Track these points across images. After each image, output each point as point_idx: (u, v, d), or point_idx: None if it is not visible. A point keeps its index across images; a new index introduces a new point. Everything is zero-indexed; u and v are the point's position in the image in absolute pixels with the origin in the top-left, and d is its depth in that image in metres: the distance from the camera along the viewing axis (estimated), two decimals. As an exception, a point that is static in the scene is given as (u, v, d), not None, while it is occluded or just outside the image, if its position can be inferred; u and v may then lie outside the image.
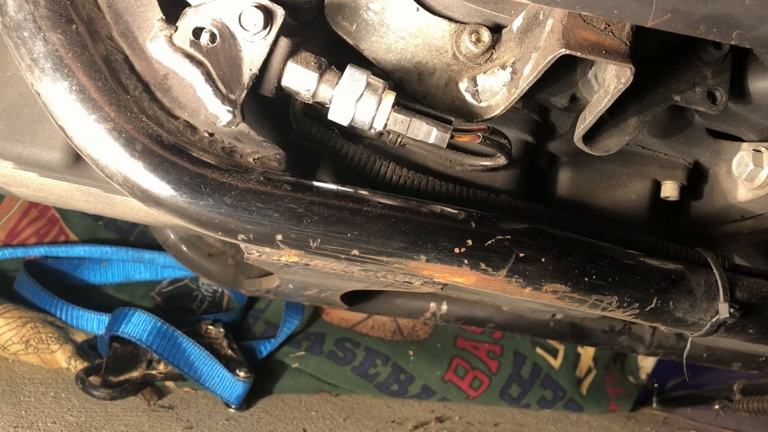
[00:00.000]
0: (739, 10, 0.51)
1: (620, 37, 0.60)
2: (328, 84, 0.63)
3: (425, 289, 0.75)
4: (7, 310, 1.18)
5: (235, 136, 0.61)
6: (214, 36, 0.60)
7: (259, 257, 0.66)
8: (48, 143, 0.69)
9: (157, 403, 1.17)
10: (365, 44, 0.68)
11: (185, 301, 1.39)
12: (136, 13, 0.60)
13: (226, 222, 0.59)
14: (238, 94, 0.61)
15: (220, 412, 1.19)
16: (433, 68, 0.69)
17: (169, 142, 0.58)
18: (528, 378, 1.44)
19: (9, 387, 1.09)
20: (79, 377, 1.13)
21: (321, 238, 0.60)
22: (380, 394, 1.36)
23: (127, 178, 0.58)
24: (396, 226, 0.62)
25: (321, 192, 0.61)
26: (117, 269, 1.37)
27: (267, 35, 0.60)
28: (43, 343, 1.17)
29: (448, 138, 0.65)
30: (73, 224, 1.38)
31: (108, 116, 0.57)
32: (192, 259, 1.26)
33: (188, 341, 1.18)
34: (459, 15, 0.68)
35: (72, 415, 1.06)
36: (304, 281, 0.92)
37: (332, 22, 0.68)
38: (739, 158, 0.83)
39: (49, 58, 0.56)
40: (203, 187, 0.58)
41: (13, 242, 1.33)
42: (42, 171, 0.72)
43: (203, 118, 0.60)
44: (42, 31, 0.56)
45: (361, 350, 1.37)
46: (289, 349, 1.35)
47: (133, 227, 1.42)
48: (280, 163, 0.62)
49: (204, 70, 0.60)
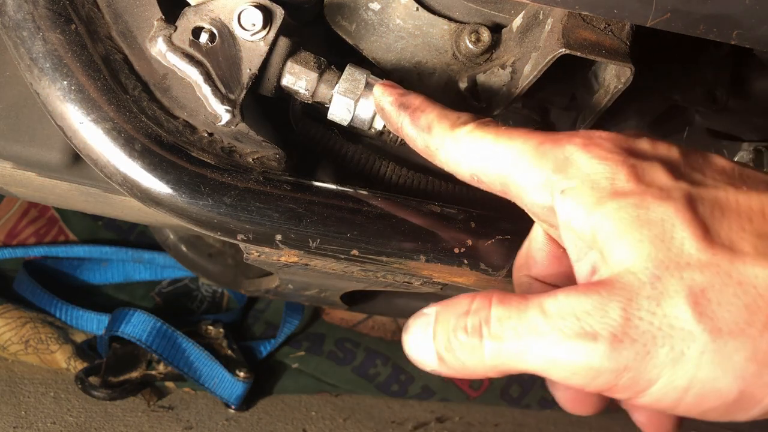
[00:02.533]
0: (739, 10, 0.51)
1: (620, 37, 0.60)
2: (327, 84, 0.62)
3: (425, 290, 0.75)
4: (6, 311, 1.18)
5: (235, 136, 0.61)
6: (214, 36, 0.60)
7: (259, 257, 0.66)
8: (47, 143, 0.69)
9: (157, 404, 1.17)
10: (365, 44, 0.68)
11: (185, 302, 1.39)
12: (135, 12, 0.60)
13: (225, 222, 0.59)
14: (238, 94, 0.60)
15: (220, 412, 1.19)
16: (432, 68, 0.69)
17: (169, 142, 0.58)
18: (528, 378, 1.44)
19: (8, 387, 1.09)
20: (78, 377, 1.13)
21: (320, 238, 0.60)
22: (380, 395, 1.36)
23: (126, 177, 0.58)
24: (396, 226, 0.62)
25: (320, 192, 0.61)
26: (116, 269, 1.37)
27: (266, 35, 0.60)
28: (43, 344, 1.17)
29: (447, 138, 0.65)
30: (73, 224, 1.38)
31: (107, 116, 0.57)
32: (192, 259, 1.26)
33: (188, 341, 1.18)
34: (459, 14, 0.68)
35: (72, 415, 1.06)
36: (303, 281, 0.92)
37: (332, 21, 0.68)
38: (739, 158, 0.82)
39: (48, 58, 0.56)
40: (202, 187, 0.58)
41: (12, 242, 1.33)
42: (41, 171, 0.72)
43: (202, 118, 0.60)
44: (41, 31, 0.56)
45: (362, 350, 1.37)
46: (289, 349, 1.34)
47: (132, 227, 1.42)
48: (280, 162, 0.62)
49: (203, 69, 0.60)
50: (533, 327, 0.41)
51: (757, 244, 0.40)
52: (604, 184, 0.43)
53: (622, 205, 0.41)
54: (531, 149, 0.46)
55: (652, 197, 0.41)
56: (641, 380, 0.39)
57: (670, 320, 0.39)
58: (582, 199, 0.43)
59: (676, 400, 0.40)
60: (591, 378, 0.40)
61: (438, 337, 0.44)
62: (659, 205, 0.41)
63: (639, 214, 0.41)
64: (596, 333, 0.39)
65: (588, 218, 0.42)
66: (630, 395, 0.40)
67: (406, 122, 0.54)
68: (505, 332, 0.41)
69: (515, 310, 0.42)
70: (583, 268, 0.45)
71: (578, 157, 0.44)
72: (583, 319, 0.40)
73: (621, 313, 0.39)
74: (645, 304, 0.39)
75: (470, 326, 0.43)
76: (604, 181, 0.43)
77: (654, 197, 0.41)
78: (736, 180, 0.43)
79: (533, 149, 0.46)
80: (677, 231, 0.40)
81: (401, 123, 0.55)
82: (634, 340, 0.39)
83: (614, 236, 0.41)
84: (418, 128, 0.53)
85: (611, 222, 0.41)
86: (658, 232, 0.40)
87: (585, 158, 0.44)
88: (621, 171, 0.43)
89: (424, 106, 0.54)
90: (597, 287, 0.41)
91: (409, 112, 0.54)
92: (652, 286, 0.39)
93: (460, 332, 0.43)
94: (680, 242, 0.40)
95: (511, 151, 0.47)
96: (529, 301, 0.42)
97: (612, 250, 0.41)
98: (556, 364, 0.40)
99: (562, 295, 0.41)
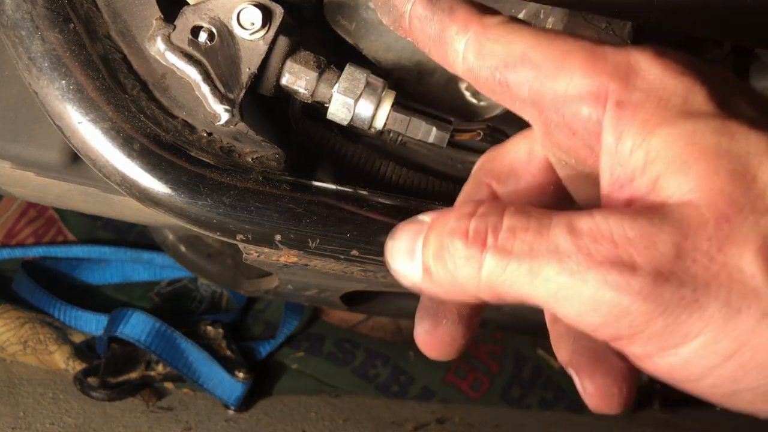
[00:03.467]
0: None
1: (621, 37, 0.60)
2: (327, 83, 0.62)
3: (425, 290, 0.75)
4: (5, 311, 1.17)
5: (234, 136, 0.60)
6: (213, 35, 0.60)
7: (258, 257, 0.66)
8: (46, 143, 0.68)
9: (156, 405, 1.17)
10: (365, 43, 0.68)
11: (184, 302, 1.39)
12: (134, 11, 0.60)
13: (224, 222, 0.59)
14: (237, 94, 0.60)
15: (219, 413, 1.19)
16: (432, 67, 0.69)
17: (167, 142, 0.58)
18: (529, 379, 1.44)
19: (7, 388, 1.08)
20: (77, 378, 1.13)
21: (320, 238, 0.60)
22: (380, 395, 1.36)
23: (125, 177, 0.57)
24: (396, 226, 0.61)
25: (320, 192, 0.61)
26: (115, 270, 1.36)
27: (266, 34, 0.60)
28: (42, 344, 1.16)
29: (447, 137, 0.65)
30: (72, 224, 1.38)
31: (106, 115, 0.56)
32: (191, 259, 1.26)
33: (187, 342, 1.18)
34: (459, 14, 0.68)
35: (70, 416, 1.06)
36: (303, 282, 0.92)
37: (331, 20, 0.67)
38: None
39: (47, 57, 0.56)
40: (201, 187, 0.57)
41: (11, 242, 1.33)
42: (40, 171, 0.72)
43: (201, 118, 0.60)
44: (39, 30, 0.56)
45: (361, 351, 1.37)
46: (289, 349, 1.34)
47: (131, 227, 1.41)
48: (279, 162, 0.62)
49: (202, 69, 0.59)
50: (554, 245, 0.32)
51: None
52: (676, 101, 0.35)
53: (699, 128, 0.33)
54: (584, 49, 0.37)
55: (739, 124, 0.33)
56: (676, 333, 0.32)
57: (731, 270, 0.31)
58: (644, 115, 0.34)
59: (708, 369, 0.32)
60: (614, 317, 0.32)
61: (430, 244, 0.36)
62: (747, 135, 0.33)
63: (720, 141, 0.33)
64: (636, 264, 0.31)
65: (648, 139, 0.34)
66: (652, 350, 0.33)
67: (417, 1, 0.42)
68: (517, 246, 0.33)
69: (535, 222, 0.34)
70: (619, 196, 0.36)
71: (647, 66, 0.36)
72: (622, 246, 0.32)
73: (671, 248, 0.32)
74: (704, 245, 0.32)
75: (472, 231, 0.34)
76: (676, 99, 0.35)
77: (741, 124, 0.33)
78: None
79: (587, 50, 0.37)
80: (765, 170, 0.32)
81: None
82: (682, 282, 0.31)
83: (680, 163, 0.33)
84: (436, 7, 0.41)
85: (680, 146, 0.33)
86: (739, 166, 0.32)
87: (656, 70, 0.36)
88: (701, 91, 0.35)
89: None
90: (647, 213, 0.33)
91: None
92: (717, 226, 0.32)
93: (458, 238, 0.35)
94: (765, 184, 0.32)
95: (558, 47, 0.37)
96: (554, 215, 0.34)
97: (671, 178, 0.33)
98: (574, 294, 0.32)
99: (599, 215, 0.33)
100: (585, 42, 0.37)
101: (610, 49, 0.37)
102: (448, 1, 0.41)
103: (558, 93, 0.37)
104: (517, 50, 0.38)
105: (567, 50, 0.37)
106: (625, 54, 0.36)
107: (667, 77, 0.35)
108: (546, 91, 0.37)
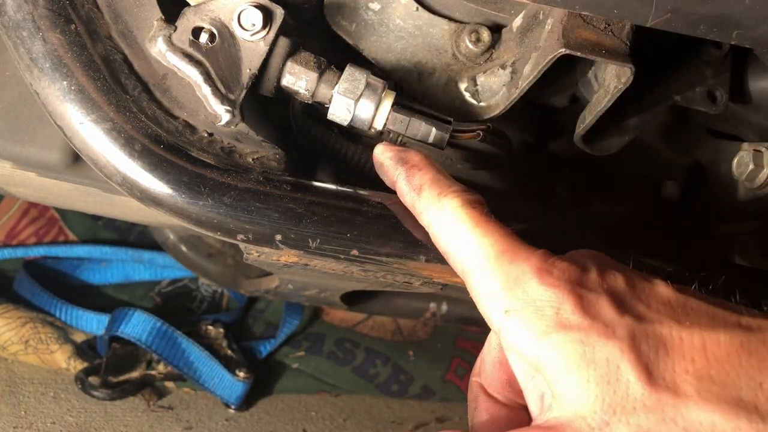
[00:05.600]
0: (739, 9, 0.50)
1: (620, 37, 0.60)
2: (327, 84, 0.62)
3: (425, 290, 0.75)
4: (6, 311, 1.18)
5: (235, 136, 0.61)
6: (214, 36, 0.60)
7: (259, 257, 0.66)
8: (47, 143, 0.69)
9: (157, 404, 1.17)
10: (365, 44, 0.68)
11: (185, 302, 1.39)
12: (135, 12, 0.60)
13: (225, 222, 0.59)
14: (238, 94, 0.60)
15: (220, 412, 1.19)
16: (432, 68, 0.69)
17: (168, 142, 0.58)
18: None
19: (8, 387, 1.09)
20: (78, 377, 1.13)
21: (320, 238, 0.60)
22: (380, 395, 1.36)
23: (126, 177, 0.58)
24: (396, 226, 0.62)
25: (320, 192, 0.61)
26: (116, 269, 1.37)
27: (266, 35, 0.60)
28: (43, 344, 1.17)
29: (447, 138, 0.65)
30: (73, 224, 1.38)
31: (107, 116, 0.57)
32: (191, 259, 1.26)
33: (188, 341, 1.18)
34: (459, 14, 0.68)
35: (71, 415, 1.06)
36: (303, 281, 0.92)
37: (332, 21, 0.68)
38: (740, 158, 0.82)
39: (48, 58, 0.56)
40: (202, 187, 0.58)
41: (12, 242, 1.33)
42: (41, 171, 0.72)
43: (202, 118, 0.60)
44: (41, 31, 0.56)
45: (361, 350, 1.37)
46: (289, 349, 1.34)
47: (132, 227, 1.42)
48: (280, 163, 0.62)
49: (203, 69, 0.60)
50: None
51: (699, 386, 0.40)
52: (548, 312, 0.44)
53: (569, 339, 0.43)
54: (493, 256, 0.47)
55: (597, 334, 0.42)
56: None
57: None
58: (526, 323, 0.44)
59: None
60: None
61: None
62: (604, 344, 0.42)
63: (585, 351, 0.42)
64: None
65: (533, 345, 0.44)
66: None
67: (401, 177, 0.56)
68: None
69: None
70: (532, 394, 0.46)
71: (528, 279, 0.45)
72: None
73: None
74: None
75: None
76: (549, 309, 0.44)
77: (599, 334, 0.42)
78: (680, 312, 0.44)
79: (494, 257, 0.47)
80: (622, 372, 0.41)
81: (397, 176, 0.56)
82: None
83: (561, 371, 0.42)
84: (410, 186, 0.55)
85: (557, 355, 0.43)
86: (603, 372, 0.41)
87: (534, 282, 0.45)
88: (567, 301, 0.44)
89: (421, 165, 0.55)
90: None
91: (406, 168, 0.56)
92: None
93: None
94: (626, 384, 0.41)
95: (478, 250, 0.48)
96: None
97: (560, 387, 0.42)
98: None
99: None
100: (501, 244, 0.48)
101: (508, 258, 0.47)
102: (420, 180, 0.54)
103: (473, 289, 0.49)
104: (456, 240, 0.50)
105: (484, 254, 0.48)
106: (516, 265, 0.46)
107: (542, 290, 0.45)
108: (468, 283, 0.50)
